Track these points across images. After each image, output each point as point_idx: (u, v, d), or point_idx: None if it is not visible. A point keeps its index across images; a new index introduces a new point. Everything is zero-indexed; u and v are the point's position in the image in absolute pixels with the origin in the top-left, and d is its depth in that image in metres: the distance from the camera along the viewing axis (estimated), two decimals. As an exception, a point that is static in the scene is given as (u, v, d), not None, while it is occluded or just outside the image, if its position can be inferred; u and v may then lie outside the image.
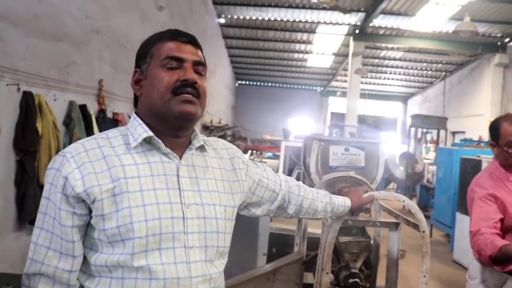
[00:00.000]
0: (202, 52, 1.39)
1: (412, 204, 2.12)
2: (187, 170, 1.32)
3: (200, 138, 1.38)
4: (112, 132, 1.33)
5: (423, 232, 2.08)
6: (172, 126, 1.30)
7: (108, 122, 5.74)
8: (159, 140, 1.28)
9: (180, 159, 1.32)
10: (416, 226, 2.15)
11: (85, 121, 5.03)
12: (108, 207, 1.20)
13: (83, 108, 5.06)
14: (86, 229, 1.25)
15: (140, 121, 1.31)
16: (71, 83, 4.91)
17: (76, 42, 4.97)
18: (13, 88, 3.84)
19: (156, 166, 1.27)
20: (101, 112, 5.62)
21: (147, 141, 1.29)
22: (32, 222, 4.24)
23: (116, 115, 6.07)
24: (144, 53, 1.35)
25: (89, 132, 5.05)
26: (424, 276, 2.07)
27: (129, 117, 6.51)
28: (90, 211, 1.22)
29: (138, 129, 1.29)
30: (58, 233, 1.21)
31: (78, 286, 1.26)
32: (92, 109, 5.29)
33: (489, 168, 2.62)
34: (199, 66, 1.34)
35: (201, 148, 1.39)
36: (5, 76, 3.74)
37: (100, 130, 5.34)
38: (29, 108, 4.01)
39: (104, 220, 1.20)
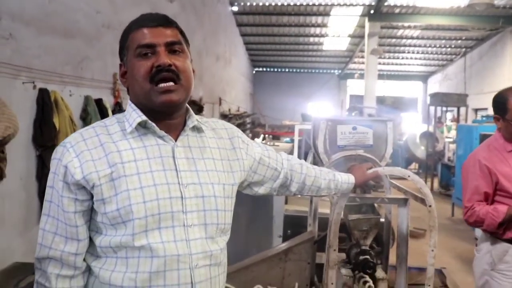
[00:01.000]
0: (177, 27, 1.39)
1: (418, 179, 2.13)
2: (183, 151, 1.36)
3: (194, 118, 1.41)
4: (109, 120, 1.38)
5: (430, 206, 2.09)
6: (159, 112, 1.34)
7: (125, 114, 5.83)
8: (153, 124, 1.32)
9: (176, 140, 1.36)
10: (423, 201, 2.16)
11: (101, 115, 5.12)
12: (107, 191, 1.25)
13: (99, 102, 5.16)
14: (91, 214, 1.31)
15: (134, 107, 1.35)
16: (86, 78, 5.01)
17: (89, 38, 5.06)
18: (29, 86, 3.95)
19: (152, 149, 1.32)
20: (117, 105, 5.71)
21: (142, 125, 1.33)
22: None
23: (132, 107, 6.16)
24: (122, 46, 1.39)
25: (106, 125, 5.15)
26: (432, 250, 2.08)
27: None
28: (92, 196, 1.27)
29: (133, 115, 1.34)
30: (62, 219, 1.28)
31: (85, 267, 1.33)
32: (108, 102, 5.39)
33: (487, 141, 2.68)
34: (174, 45, 1.34)
35: (198, 130, 1.43)
36: (21, 75, 3.85)
37: (117, 123, 5.44)
38: (45, 104, 4.12)
39: (105, 204, 1.26)
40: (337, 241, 2.12)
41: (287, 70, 24.14)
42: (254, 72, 23.84)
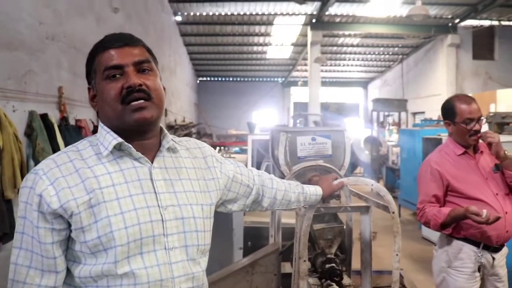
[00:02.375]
0: (144, 45, 1.36)
1: (381, 187, 2.21)
2: (160, 172, 1.33)
3: (169, 138, 1.38)
4: (81, 144, 1.33)
5: (393, 213, 2.17)
6: (134, 132, 1.30)
7: (72, 129, 5.63)
8: (130, 145, 1.29)
9: (152, 162, 1.33)
10: (385, 208, 2.23)
11: (47, 130, 4.92)
12: (87, 219, 1.20)
13: (44, 117, 4.95)
14: (67, 243, 1.25)
15: (108, 129, 1.31)
16: (30, 93, 4.80)
17: (32, 50, 4.85)
18: (-31, 102, 3.74)
19: (129, 172, 1.28)
20: (64, 120, 5.51)
21: (117, 148, 1.29)
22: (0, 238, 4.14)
23: (79, 121, 5.96)
24: (89, 69, 1.34)
25: (52, 141, 4.95)
26: (397, 255, 2.16)
27: (93, 123, 6.39)
28: (69, 225, 1.22)
29: (107, 137, 1.29)
30: (38, 251, 1.21)
31: None
32: (54, 117, 5.18)
33: (439, 146, 2.90)
34: (143, 64, 1.31)
35: (173, 150, 1.40)
36: (-40, 91, 3.64)
37: (64, 138, 5.24)
38: (-13, 121, 3.91)
39: (84, 232, 1.20)
40: (307, 252, 2.15)
41: (231, 79, 24.23)
42: (198, 81, 23.74)
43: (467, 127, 2.63)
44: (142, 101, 1.26)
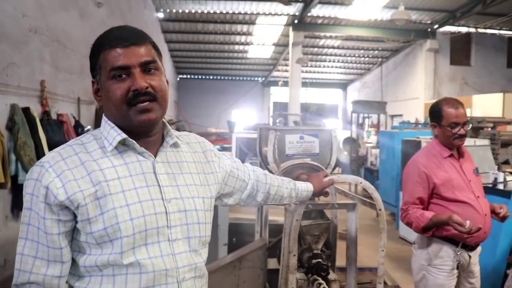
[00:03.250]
0: (150, 41, 1.35)
1: (369, 185, 2.28)
2: (163, 166, 1.36)
3: (173, 135, 1.41)
4: (85, 138, 1.35)
5: (380, 210, 2.24)
6: (138, 131, 1.33)
7: (53, 123, 5.57)
8: (134, 141, 1.31)
9: (155, 156, 1.36)
10: (372, 205, 2.30)
11: (29, 124, 4.86)
12: (93, 210, 1.23)
13: (26, 110, 4.88)
14: (72, 234, 1.27)
15: (112, 124, 1.33)
16: (12, 86, 4.73)
17: (15, 42, 4.79)
18: (-49, 94, 3.67)
19: (133, 166, 1.31)
20: (45, 114, 5.44)
21: (121, 142, 1.31)
22: (-20, 232, 4.08)
23: (60, 116, 5.89)
24: (93, 65, 1.34)
25: (34, 135, 4.89)
26: (382, 250, 2.24)
27: (74, 118, 6.33)
28: (75, 216, 1.24)
29: (112, 133, 1.31)
30: (44, 242, 1.23)
31: None
32: (36, 111, 5.11)
33: (425, 148, 2.94)
34: (149, 64, 1.31)
35: (175, 144, 1.43)
36: None
37: (46, 132, 5.18)
38: (-31, 113, 3.85)
39: (91, 223, 1.23)
40: (296, 247, 2.20)
41: (211, 77, 24.18)
42: (178, 79, 23.62)
43: (452, 131, 2.71)
44: (148, 102, 1.29)
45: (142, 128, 1.32)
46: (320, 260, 2.45)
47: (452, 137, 2.73)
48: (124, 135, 1.30)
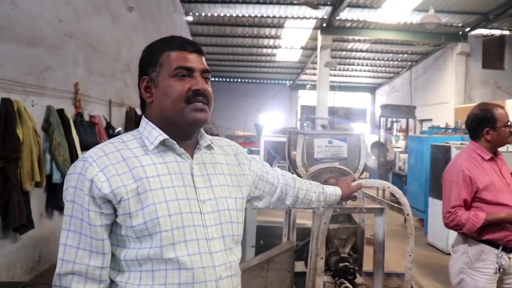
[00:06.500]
0: (205, 56, 1.48)
1: (397, 190, 2.28)
2: (199, 168, 1.42)
3: (207, 138, 1.49)
4: (126, 136, 1.42)
5: (407, 214, 2.24)
6: (184, 131, 1.41)
7: (86, 125, 5.74)
8: (174, 142, 1.38)
9: (191, 158, 1.42)
10: (400, 210, 2.30)
11: (63, 125, 5.03)
12: (134, 205, 1.29)
13: (60, 112, 5.06)
14: (112, 227, 1.33)
15: (153, 125, 1.40)
16: (48, 88, 4.91)
17: (51, 47, 4.96)
18: (-9, 96, 3.84)
19: (172, 166, 1.37)
20: (78, 115, 5.63)
21: (161, 143, 1.38)
22: (16, 229, 4.24)
23: (92, 117, 6.07)
24: (152, 61, 1.42)
25: (68, 136, 5.05)
26: (410, 255, 2.23)
27: (105, 119, 6.50)
28: (115, 210, 1.30)
29: (153, 133, 1.39)
30: (87, 233, 1.29)
31: (109, 282, 1.34)
32: (70, 113, 5.29)
33: (465, 151, 2.94)
34: (206, 73, 1.44)
35: (208, 147, 1.50)
36: (-17, 84, 3.74)
37: (79, 133, 5.34)
38: (8, 115, 4.00)
39: (132, 217, 1.29)
40: (324, 250, 2.22)
41: (239, 80, 24.31)
42: (206, 82, 23.78)
43: (507, 130, 2.79)
44: (204, 104, 1.39)
45: (192, 126, 1.40)
46: (347, 263, 2.46)
47: (508, 136, 2.80)
48: (165, 136, 1.38)
